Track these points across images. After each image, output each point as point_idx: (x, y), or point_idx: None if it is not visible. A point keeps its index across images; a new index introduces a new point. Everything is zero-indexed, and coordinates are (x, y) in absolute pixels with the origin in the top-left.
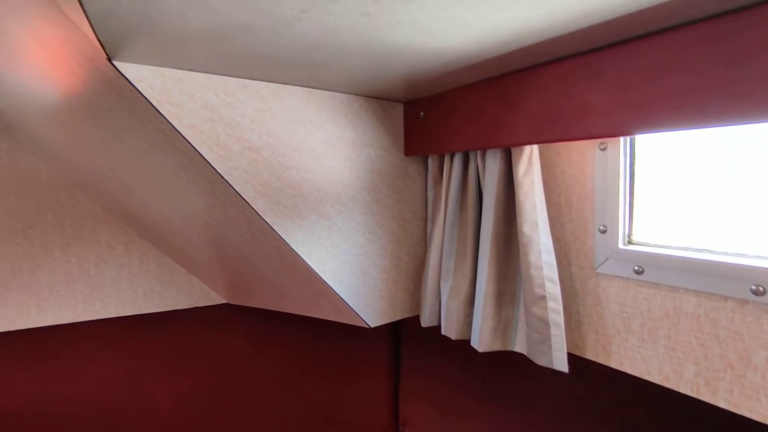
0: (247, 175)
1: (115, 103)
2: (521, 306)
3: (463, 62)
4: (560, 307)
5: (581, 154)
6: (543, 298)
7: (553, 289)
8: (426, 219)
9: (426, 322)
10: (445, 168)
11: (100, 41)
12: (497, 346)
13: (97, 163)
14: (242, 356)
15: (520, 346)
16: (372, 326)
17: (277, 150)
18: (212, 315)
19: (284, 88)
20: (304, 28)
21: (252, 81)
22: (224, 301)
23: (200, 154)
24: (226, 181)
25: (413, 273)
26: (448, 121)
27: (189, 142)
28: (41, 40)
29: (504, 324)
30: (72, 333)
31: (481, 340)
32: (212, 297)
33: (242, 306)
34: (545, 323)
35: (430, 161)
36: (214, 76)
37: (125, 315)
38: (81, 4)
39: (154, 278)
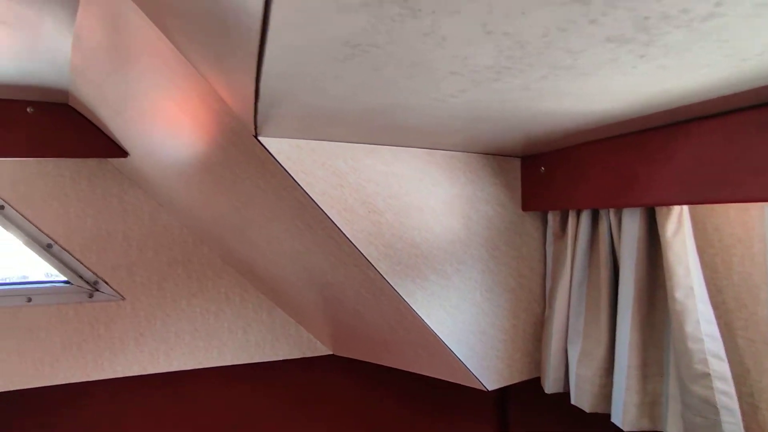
0: (371, 237)
1: (253, 172)
2: (671, 380)
3: (607, 121)
4: (731, 389)
5: (744, 211)
6: (706, 376)
7: (719, 366)
8: (544, 276)
9: (550, 388)
10: (569, 224)
11: (255, 122)
12: (644, 425)
13: (225, 222)
14: (345, 408)
15: (675, 428)
16: (489, 389)
17: (399, 211)
18: (318, 365)
19: (407, 151)
20: (455, 103)
21: (377, 146)
22: (330, 352)
23: (330, 219)
24: (353, 243)
25: (531, 333)
26: (576, 176)
27: (320, 208)
28: (189, 115)
29: (651, 399)
30: (191, 379)
31: (625, 417)
32: (318, 348)
33: (347, 358)
34: (712, 407)
35: (550, 216)
36: (343, 144)
37: (239, 363)
38: (256, 95)
39: (266, 328)
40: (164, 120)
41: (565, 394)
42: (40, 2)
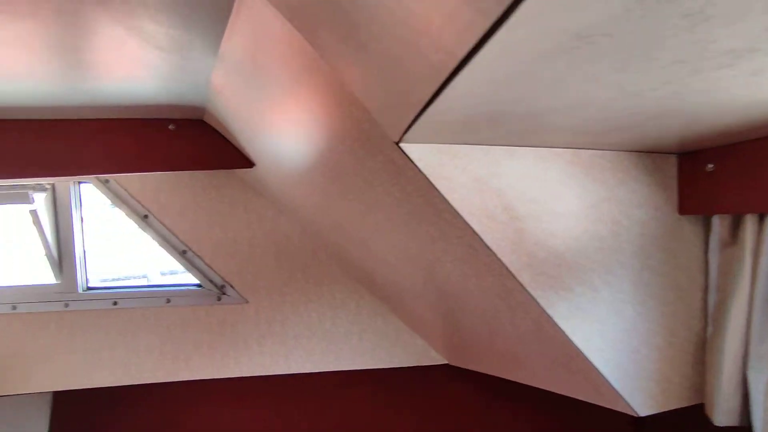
0: (513, 246)
1: (388, 179)
2: None
3: None
4: None
5: None
6: None
7: None
8: (706, 288)
9: (721, 419)
10: (747, 230)
11: (407, 129)
12: None
13: (346, 230)
14: (460, 420)
15: None
16: (641, 414)
17: (541, 218)
18: (432, 375)
19: (550, 152)
20: (649, 98)
21: (519, 148)
22: (445, 362)
23: (469, 226)
24: (493, 252)
25: (691, 353)
26: (760, 174)
27: (460, 215)
28: (324, 123)
29: None
30: (308, 382)
31: None
32: (433, 357)
33: (464, 368)
34: None
35: (716, 221)
36: (484, 146)
37: (354, 369)
38: (429, 102)
39: (381, 335)
40: (295, 129)
41: (740, 428)
42: (192, 26)
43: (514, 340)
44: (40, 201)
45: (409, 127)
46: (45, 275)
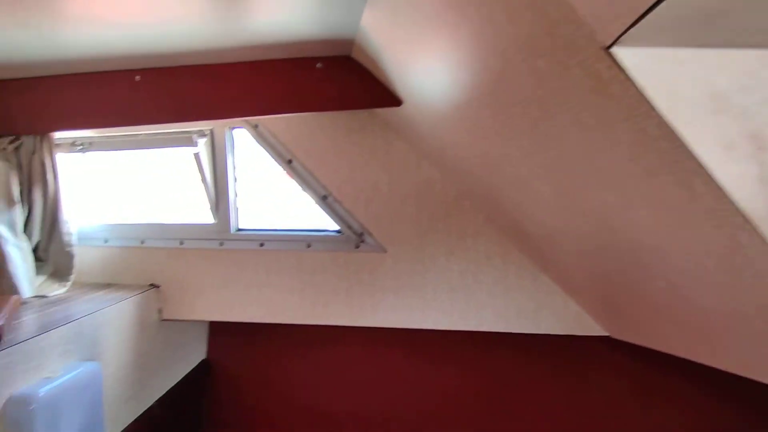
0: (758, 187)
1: (578, 101)
2: None
3: None
4: None
5: None
6: None
7: None
8: None
9: None
10: None
11: (629, 28)
12: None
13: (503, 173)
14: (622, 406)
15: None
16: None
17: None
18: (588, 347)
19: None
20: None
21: None
22: (605, 334)
23: (695, 158)
24: (726, 193)
25: None
26: None
27: (684, 142)
28: (500, 36)
29: None
30: (444, 339)
31: None
32: (589, 326)
33: (630, 344)
34: None
35: None
36: (727, 50)
37: (496, 331)
38: None
39: (529, 297)
40: (459, 50)
41: None
42: None
43: (723, 313)
44: (202, 145)
45: (635, 22)
46: (206, 216)
